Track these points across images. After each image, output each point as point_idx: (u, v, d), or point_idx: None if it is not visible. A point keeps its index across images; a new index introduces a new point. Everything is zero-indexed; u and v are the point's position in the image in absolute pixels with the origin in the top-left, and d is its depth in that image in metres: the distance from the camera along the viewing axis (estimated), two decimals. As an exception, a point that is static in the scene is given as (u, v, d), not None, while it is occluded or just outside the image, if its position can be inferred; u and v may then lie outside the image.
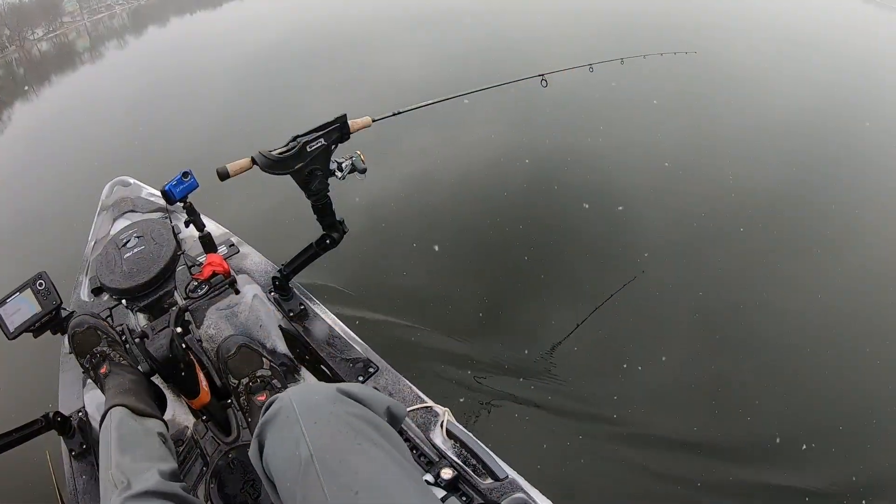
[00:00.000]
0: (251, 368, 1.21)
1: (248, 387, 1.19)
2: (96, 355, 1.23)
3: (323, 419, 0.71)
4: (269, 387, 1.18)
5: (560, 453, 2.26)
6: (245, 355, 1.23)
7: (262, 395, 1.16)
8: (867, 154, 5.01)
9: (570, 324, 2.88)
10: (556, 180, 4.23)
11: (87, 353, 1.23)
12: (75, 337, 1.25)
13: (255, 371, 1.20)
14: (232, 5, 22.05)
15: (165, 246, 1.55)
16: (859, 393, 2.60)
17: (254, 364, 1.22)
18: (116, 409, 1.09)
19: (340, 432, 0.69)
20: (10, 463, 1.41)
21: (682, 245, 3.54)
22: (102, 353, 1.23)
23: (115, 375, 1.19)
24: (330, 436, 0.69)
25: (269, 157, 1.31)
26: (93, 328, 1.26)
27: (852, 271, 3.36)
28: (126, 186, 2.42)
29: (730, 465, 2.26)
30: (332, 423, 0.71)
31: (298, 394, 0.77)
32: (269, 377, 1.20)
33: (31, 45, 30.81)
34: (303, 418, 0.71)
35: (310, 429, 0.70)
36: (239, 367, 1.21)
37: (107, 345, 1.25)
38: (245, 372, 1.20)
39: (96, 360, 1.22)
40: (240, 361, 1.22)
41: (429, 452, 1.27)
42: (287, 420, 0.72)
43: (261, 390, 1.17)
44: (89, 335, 1.24)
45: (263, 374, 1.20)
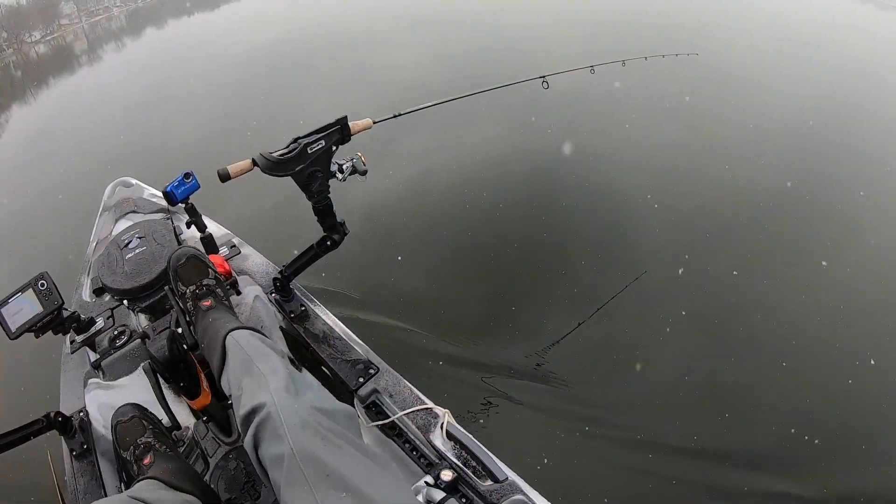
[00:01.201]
0: (199, 277, 1.26)
1: (194, 293, 1.24)
2: (139, 446, 1.18)
3: (299, 424, 0.91)
4: (212, 294, 1.25)
5: (560, 455, 2.26)
6: (194, 265, 1.27)
7: (206, 301, 1.23)
8: (868, 154, 5.01)
9: (572, 325, 2.89)
10: (558, 182, 4.24)
11: (130, 446, 1.18)
12: (118, 427, 1.19)
13: (202, 279, 1.26)
14: (230, 6, 22.06)
15: (167, 247, 1.56)
16: (863, 396, 2.59)
17: (200, 273, 1.27)
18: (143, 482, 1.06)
19: (313, 433, 0.90)
20: (11, 463, 1.42)
21: (684, 246, 3.54)
22: (147, 444, 1.18)
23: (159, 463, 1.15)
24: (306, 437, 0.89)
25: (269, 159, 1.31)
26: (137, 419, 1.21)
27: (855, 272, 3.36)
28: (128, 187, 2.43)
29: (731, 469, 2.26)
30: (307, 428, 0.91)
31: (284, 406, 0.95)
32: (214, 285, 1.27)
33: (28, 48, 30.80)
34: (286, 424, 0.91)
35: (292, 431, 0.90)
36: (188, 274, 1.26)
37: (152, 436, 1.20)
38: (193, 280, 1.25)
39: (139, 451, 1.17)
40: (189, 270, 1.26)
41: (429, 454, 1.27)
42: (275, 425, 0.92)
43: (206, 297, 1.24)
44: (133, 426, 1.19)
45: (208, 282, 1.26)
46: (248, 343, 1.09)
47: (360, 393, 1.43)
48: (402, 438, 1.33)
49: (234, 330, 1.11)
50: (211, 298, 1.24)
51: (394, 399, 1.40)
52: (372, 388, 1.44)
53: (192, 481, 1.15)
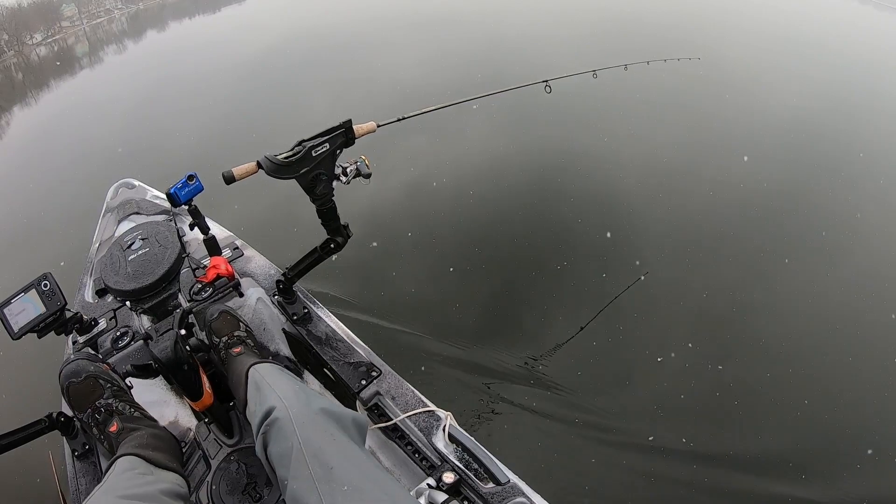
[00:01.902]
0: (230, 329, 1.39)
1: (226, 343, 1.35)
2: (100, 410, 1.06)
3: (308, 422, 0.97)
4: (243, 343, 1.37)
5: (562, 458, 2.26)
6: (225, 319, 1.41)
7: (237, 349, 1.34)
8: (871, 154, 5.01)
9: (574, 328, 2.88)
10: (560, 185, 4.24)
11: (87, 408, 1.06)
12: (70, 389, 1.07)
13: (234, 332, 1.39)
14: (231, 9, 22.12)
15: (170, 248, 1.56)
16: (870, 399, 2.58)
17: (232, 326, 1.40)
18: (124, 458, 0.98)
19: (320, 431, 0.96)
20: (12, 463, 1.42)
21: (687, 249, 3.54)
22: (108, 406, 1.06)
23: (129, 432, 1.05)
24: (313, 433, 0.95)
25: (274, 162, 1.31)
26: (93, 377, 1.08)
27: (859, 272, 3.35)
28: (131, 189, 2.43)
29: (735, 473, 2.25)
30: (314, 425, 0.97)
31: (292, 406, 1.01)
32: (244, 336, 1.40)
33: (29, 50, 30.89)
34: (295, 421, 0.97)
35: (300, 427, 0.96)
36: (220, 328, 1.39)
37: (112, 395, 1.09)
38: (225, 332, 1.38)
39: (101, 415, 1.05)
40: (221, 324, 1.39)
41: (431, 456, 1.27)
42: (284, 423, 0.98)
43: (237, 345, 1.35)
44: (88, 385, 1.07)
45: (240, 334, 1.39)
46: (267, 371, 1.17)
47: (363, 395, 1.43)
48: (405, 441, 1.33)
49: (257, 363, 1.21)
50: (241, 346, 1.35)
51: (396, 401, 1.40)
52: (374, 391, 1.44)
53: (171, 450, 1.11)
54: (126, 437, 1.05)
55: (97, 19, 39.92)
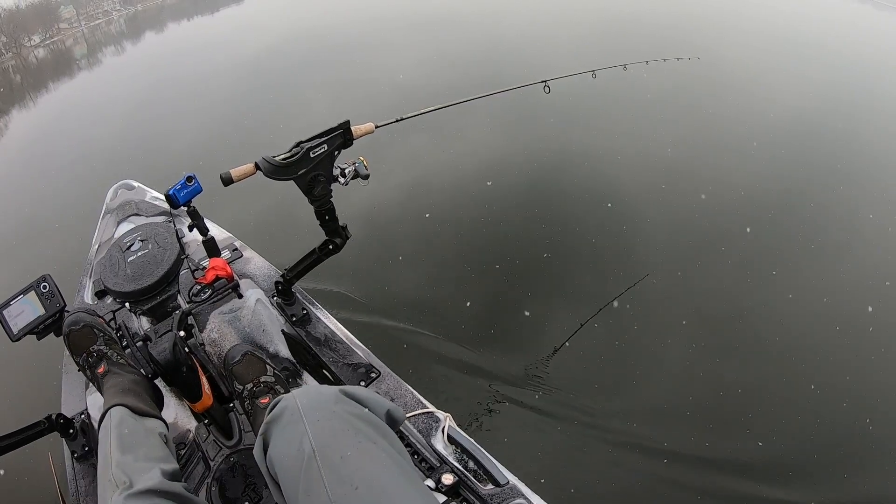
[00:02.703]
0: (255, 374, 1.24)
1: (252, 391, 1.21)
2: (93, 354, 1.21)
3: (325, 417, 0.74)
4: (271, 391, 1.21)
5: (562, 459, 2.26)
6: (249, 362, 1.26)
7: (265, 399, 1.19)
8: (871, 153, 5.01)
9: (574, 329, 2.88)
10: (559, 186, 4.25)
11: (83, 352, 1.21)
12: (71, 335, 1.22)
13: (259, 377, 1.24)
14: (229, 10, 22.11)
15: (169, 250, 1.56)
16: (875, 401, 2.57)
17: (258, 371, 1.25)
18: (116, 409, 1.08)
19: (342, 430, 0.73)
20: (12, 464, 1.42)
21: (688, 249, 3.53)
22: (100, 352, 1.21)
23: (113, 375, 1.17)
24: (331, 433, 0.72)
25: (272, 163, 1.32)
26: (89, 326, 1.23)
27: (862, 273, 3.34)
28: (130, 190, 2.44)
29: (738, 475, 2.23)
30: (333, 420, 0.74)
31: (302, 394, 0.81)
32: (273, 382, 1.24)
33: (27, 52, 30.88)
34: (306, 416, 0.75)
35: (313, 426, 0.73)
36: (243, 373, 1.24)
37: (104, 343, 1.23)
38: (249, 377, 1.23)
39: (93, 359, 1.21)
40: (244, 368, 1.25)
41: (430, 458, 1.27)
42: (291, 418, 0.76)
43: (264, 394, 1.20)
44: (85, 333, 1.22)
45: (267, 379, 1.24)
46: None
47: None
48: (404, 442, 1.33)
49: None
50: (269, 396, 1.20)
51: (395, 403, 1.40)
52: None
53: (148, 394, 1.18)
54: (110, 381, 1.16)
55: (95, 21, 39.93)
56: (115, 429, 1.03)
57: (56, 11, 38.82)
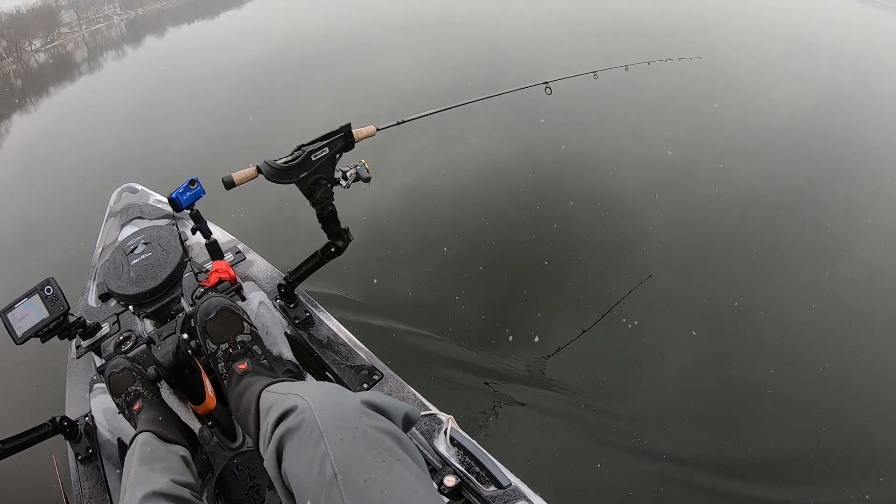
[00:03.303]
0: (231, 333, 1.12)
1: (227, 353, 1.10)
2: (130, 394, 1.26)
3: (349, 437, 0.69)
4: (249, 353, 1.11)
5: (565, 461, 2.25)
6: (225, 318, 1.13)
7: (242, 364, 1.08)
8: (873, 153, 5.00)
9: (577, 330, 2.88)
10: (561, 186, 4.24)
11: (122, 393, 1.27)
12: (112, 377, 1.29)
13: (235, 336, 1.12)
14: (230, 13, 22.15)
15: (172, 253, 1.56)
16: (880, 401, 2.56)
17: (234, 328, 1.13)
18: (142, 434, 1.14)
19: (366, 449, 0.68)
20: (17, 467, 1.42)
21: (691, 250, 3.53)
22: (136, 391, 1.26)
23: (147, 410, 1.24)
24: (355, 454, 0.67)
25: (274, 167, 1.32)
26: (128, 370, 1.30)
27: (865, 272, 3.33)
28: (134, 193, 2.45)
29: (741, 476, 2.23)
30: (357, 440, 0.69)
31: (322, 405, 0.75)
32: (250, 342, 1.13)
33: (28, 57, 31.02)
34: (327, 434, 0.69)
35: (335, 446, 0.68)
36: (218, 331, 1.12)
37: (141, 385, 1.28)
38: (225, 336, 1.12)
39: (130, 398, 1.26)
40: (219, 325, 1.12)
41: (432, 460, 1.27)
42: (311, 435, 0.71)
43: (242, 357, 1.09)
44: (124, 376, 1.29)
45: (244, 339, 1.12)
46: (283, 387, 0.91)
47: (364, 398, 1.43)
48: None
49: (270, 384, 0.94)
50: (247, 360, 1.09)
51: None
52: None
53: (178, 428, 1.23)
54: (143, 415, 1.22)
55: (96, 25, 40.11)
56: (138, 448, 1.09)
57: (57, 16, 38.99)
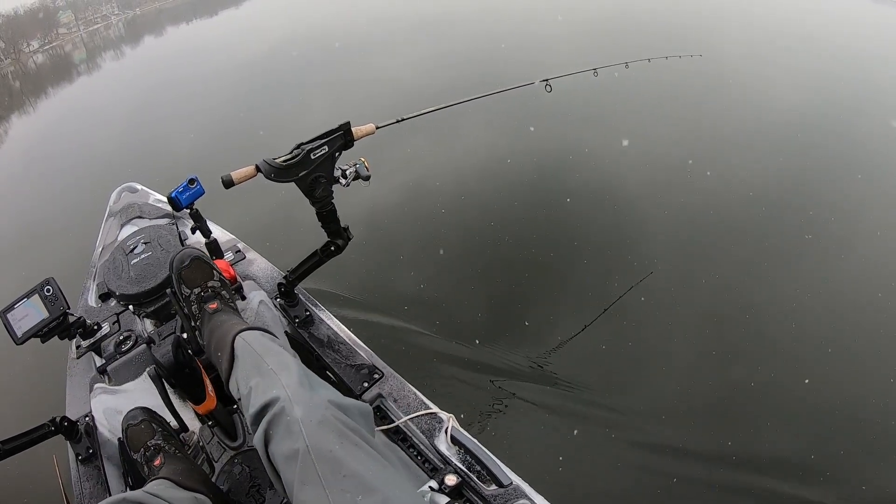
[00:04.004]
0: (203, 279, 1.26)
1: (199, 296, 1.24)
2: (150, 448, 1.21)
3: (317, 421, 0.88)
4: (218, 296, 1.25)
5: (566, 459, 2.25)
6: (197, 266, 1.26)
7: (213, 304, 1.22)
8: (875, 149, 4.98)
9: (578, 327, 2.88)
10: (562, 184, 4.24)
11: (140, 447, 1.22)
12: (129, 431, 1.23)
13: (207, 281, 1.26)
14: (228, 12, 22.08)
15: (172, 252, 1.56)
16: (883, 398, 2.55)
17: (205, 275, 1.27)
18: (157, 481, 1.10)
19: (330, 432, 0.88)
20: (17, 467, 1.42)
21: (692, 246, 3.52)
22: (157, 446, 1.21)
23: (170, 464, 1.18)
24: (322, 434, 0.87)
25: (273, 165, 1.32)
26: (147, 421, 1.25)
27: (868, 268, 3.32)
28: (133, 193, 2.44)
29: (743, 472, 2.22)
30: (323, 424, 0.88)
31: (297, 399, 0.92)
32: (219, 287, 1.27)
33: (26, 58, 30.99)
34: (302, 421, 0.88)
35: (306, 427, 0.87)
36: (192, 276, 1.25)
37: (161, 438, 1.23)
38: (198, 282, 1.25)
39: (150, 453, 1.21)
40: (193, 272, 1.25)
41: (433, 459, 1.27)
42: (290, 421, 0.89)
43: (212, 299, 1.23)
44: (143, 429, 1.23)
45: (213, 284, 1.26)
46: (258, 343, 1.07)
47: (365, 398, 1.43)
48: (407, 443, 1.33)
49: (244, 331, 1.10)
50: (217, 301, 1.23)
51: (398, 404, 1.40)
52: (377, 393, 1.44)
53: (201, 481, 1.18)
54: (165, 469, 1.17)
55: (94, 25, 40.09)
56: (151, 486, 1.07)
57: (55, 17, 38.95)
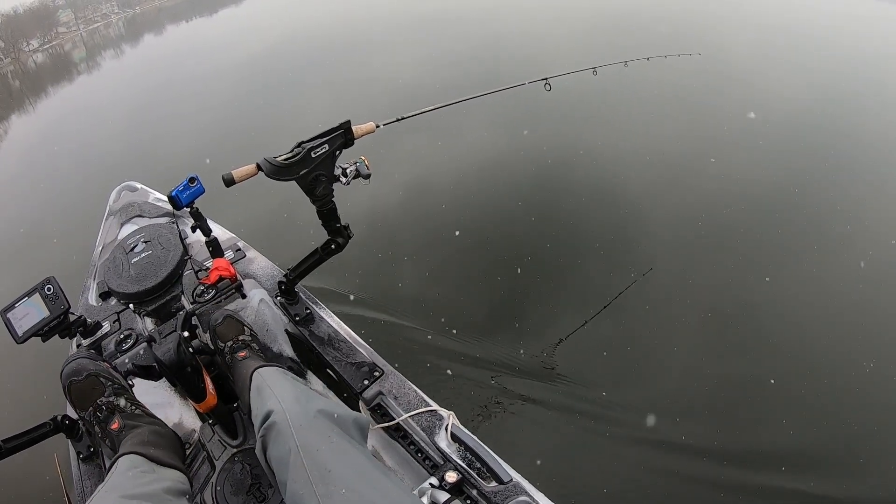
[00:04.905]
0: (235, 333, 1.43)
1: (231, 347, 1.39)
2: (101, 408, 1.07)
3: (305, 425, 0.99)
4: (248, 347, 1.40)
5: (566, 456, 2.26)
6: (230, 323, 1.45)
7: (242, 353, 1.37)
8: (877, 147, 4.96)
9: (577, 324, 2.88)
10: (562, 182, 4.24)
11: (88, 406, 1.07)
12: (72, 387, 1.08)
13: (238, 336, 1.42)
14: (228, 10, 22.05)
15: (172, 251, 1.56)
16: (883, 396, 2.54)
17: (237, 330, 1.44)
18: (126, 458, 0.99)
19: (318, 434, 0.97)
20: (18, 466, 1.42)
21: (690, 244, 3.52)
22: (110, 404, 1.08)
23: (130, 429, 1.06)
24: (310, 436, 0.97)
25: (274, 164, 1.32)
26: (94, 375, 1.10)
27: (868, 266, 3.31)
28: (133, 191, 2.45)
29: (744, 469, 2.22)
30: (312, 428, 0.99)
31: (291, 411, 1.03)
32: (249, 340, 1.43)
33: (26, 57, 30.95)
34: (293, 425, 0.99)
35: (297, 431, 0.97)
36: (225, 332, 1.42)
37: (113, 393, 1.10)
38: (230, 336, 1.42)
39: (103, 413, 1.07)
40: (225, 328, 1.43)
41: (433, 456, 1.27)
42: (282, 426, 0.99)
43: (242, 349, 1.38)
44: (90, 384, 1.08)
45: (244, 338, 1.43)
46: (270, 374, 1.20)
47: (366, 395, 1.44)
48: (407, 440, 1.33)
49: (261, 367, 1.23)
50: (246, 350, 1.38)
51: (399, 401, 1.41)
52: (377, 391, 1.44)
53: (172, 447, 1.12)
54: (128, 435, 1.07)
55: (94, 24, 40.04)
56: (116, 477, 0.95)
57: (54, 15, 38.89)
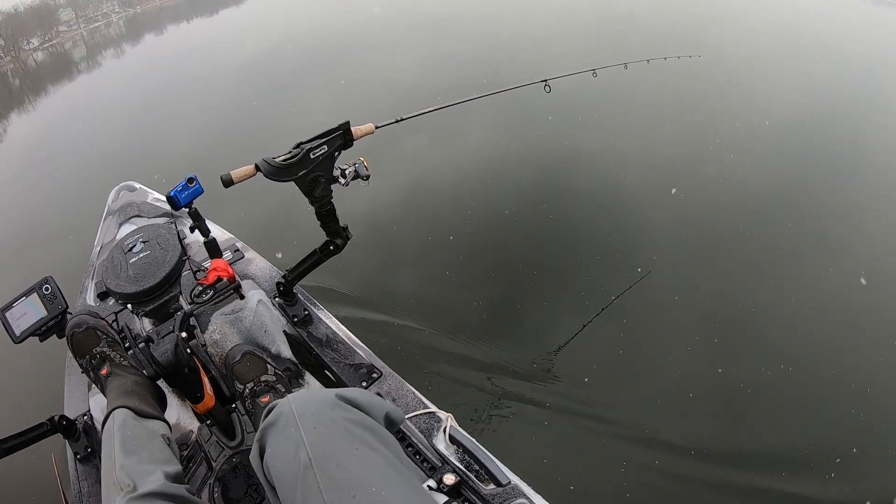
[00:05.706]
0: (256, 374, 1.26)
1: (252, 391, 1.23)
2: (96, 356, 1.22)
3: (322, 424, 0.73)
4: (272, 390, 1.22)
5: (565, 458, 2.25)
6: (250, 361, 1.28)
7: (265, 398, 1.21)
8: (875, 150, 4.98)
9: (576, 326, 2.88)
10: (561, 184, 4.24)
11: (86, 354, 1.22)
12: (74, 337, 1.23)
13: (260, 376, 1.26)
14: (228, 11, 22.04)
15: (171, 251, 1.56)
16: (882, 397, 2.55)
17: (259, 370, 1.27)
18: (119, 411, 1.09)
19: (339, 437, 0.72)
20: (16, 466, 1.42)
21: (689, 247, 3.52)
22: (102, 353, 1.21)
23: (116, 377, 1.18)
24: (328, 441, 0.71)
25: (272, 164, 1.32)
26: (92, 328, 1.24)
27: (867, 270, 3.32)
28: (132, 191, 2.44)
29: (741, 470, 2.23)
30: (330, 428, 0.73)
31: (298, 400, 0.81)
32: (274, 382, 1.25)
33: (26, 56, 30.92)
34: (302, 423, 0.74)
35: (309, 434, 0.72)
36: (244, 372, 1.26)
37: (107, 345, 1.23)
38: (250, 377, 1.25)
39: (96, 360, 1.22)
40: (245, 367, 1.27)
41: (431, 458, 1.27)
42: (287, 425, 0.75)
43: (265, 393, 1.22)
44: (89, 336, 1.23)
45: (268, 378, 1.26)
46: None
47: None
48: (405, 442, 1.33)
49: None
50: (269, 395, 1.22)
51: (397, 403, 1.40)
52: (375, 392, 1.44)
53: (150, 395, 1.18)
54: (113, 383, 1.17)
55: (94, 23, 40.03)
56: (118, 431, 1.04)
57: (55, 14, 38.87)
